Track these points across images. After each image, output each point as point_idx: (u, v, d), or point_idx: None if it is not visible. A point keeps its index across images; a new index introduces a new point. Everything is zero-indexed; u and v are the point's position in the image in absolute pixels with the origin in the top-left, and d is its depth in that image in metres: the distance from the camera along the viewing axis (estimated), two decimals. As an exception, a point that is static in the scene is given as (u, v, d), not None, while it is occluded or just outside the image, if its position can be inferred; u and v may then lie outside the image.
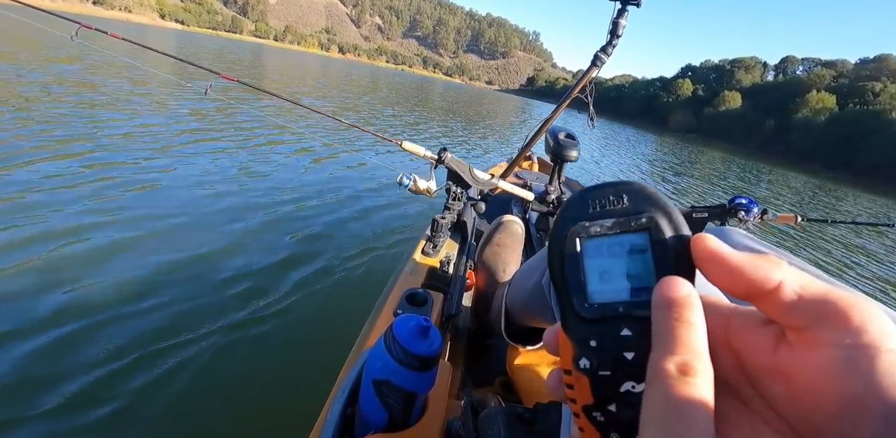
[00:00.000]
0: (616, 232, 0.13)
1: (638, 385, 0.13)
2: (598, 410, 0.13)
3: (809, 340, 0.11)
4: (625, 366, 0.13)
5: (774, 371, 0.12)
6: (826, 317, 0.11)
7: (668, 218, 0.13)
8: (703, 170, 10.65)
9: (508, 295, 0.61)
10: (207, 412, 0.92)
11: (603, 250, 0.13)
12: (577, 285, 0.13)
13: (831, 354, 0.10)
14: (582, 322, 0.13)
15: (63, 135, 2.45)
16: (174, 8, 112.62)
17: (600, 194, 0.14)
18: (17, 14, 1.03)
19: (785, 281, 0.11)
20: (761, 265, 0.12)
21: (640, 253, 0.13)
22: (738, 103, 57.81)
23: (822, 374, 0.10)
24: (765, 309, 0.12)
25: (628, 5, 0.95)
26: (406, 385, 0.37)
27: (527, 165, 1.96)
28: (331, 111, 1.30)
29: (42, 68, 4.53)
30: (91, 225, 1.53)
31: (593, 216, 0.13)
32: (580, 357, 0.13)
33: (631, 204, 0.13)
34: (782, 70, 71.91)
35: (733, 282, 0.12)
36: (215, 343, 1.10)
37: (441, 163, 0.96)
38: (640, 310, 0.13)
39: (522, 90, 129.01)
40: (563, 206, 0.14)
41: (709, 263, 0.12)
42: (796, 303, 0.11)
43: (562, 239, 0.14)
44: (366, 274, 1.61)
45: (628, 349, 0.13)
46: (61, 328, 1.04)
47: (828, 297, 0.11)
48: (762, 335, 0.12)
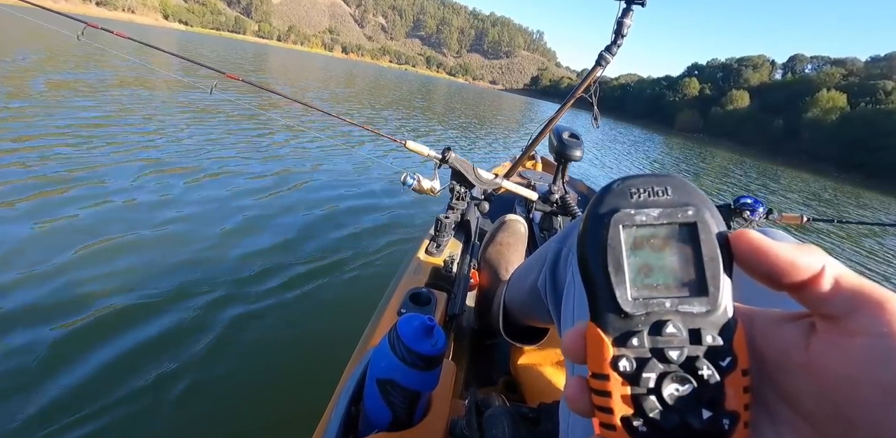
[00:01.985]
0: (662, 223, 0.13)
1: (682, 388, 0.12)
2: (641, 418, 0.12)
3: (845, 329, 0.11)
4: (671, 367, 0.12)
5: (804, 366, 0.11)
6: (863, 307, 0.11)
7: (711, 212, 0.13)
8: (713, 172, 10.50)
9: (507, 294, 0.61)
10: (211, 410, 0.92)
11: (646, 241, 0.13)
12: (621, 277, 0.12)
13: (868, 342, 0.10)
14: (624, 317, 0.12)
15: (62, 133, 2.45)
16: (177, 8, 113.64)
17: (642, 183, 0.13)
18: (25, 14, 1.04)
19: (826, 269, 0.11)
20: (806, 255, 0.12)
21: (686, 248, 0.12)
22: (746, 102, 57.11)
23: (858, 362, 0.10)
24: (802, 297, 0.12)
25: (633, 5, 0.95)
26: (410, 384, 0.37)
27: (530, 165, 1.97)
28: (334, 110, 1.31)
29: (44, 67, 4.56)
30: (91, 225, 1.53)
31: (637, 204, 0.13)
32: (619, 358, 0.12)
33: (675, 195, 0.13)
34: (791, 68, 70.93)
35: (780, 274, 0.12)
36: (218, 341, 1.10)
37: (445, 162, 0.96)
38: (688, 306, 0.12)
39: (526, 90, 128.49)
40: (600, 192, 0.13)
41: (752, 256, 0.12)
42: (834, 292, 0.11)
43: (603, 226, 0.13)
44: (369, 273, 1.61)
45: (675, 348, 0.12)
46: (62, 328, 1.04)
47: (864, 288, 0.11)
48: (789, 330, 0.12)
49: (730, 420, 0.12)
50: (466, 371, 0.70)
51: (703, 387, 0.12)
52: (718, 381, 0.12)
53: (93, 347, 1.01)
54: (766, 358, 0.12)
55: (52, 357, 0.96)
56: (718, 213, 0.13)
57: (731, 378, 0.12)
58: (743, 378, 0.12)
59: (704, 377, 0.12)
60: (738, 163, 16.62)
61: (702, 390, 0.12)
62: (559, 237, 0.49)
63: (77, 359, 0.97)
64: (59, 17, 1.14)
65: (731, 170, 11.94)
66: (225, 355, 1.07)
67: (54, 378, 0.92)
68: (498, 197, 1.22)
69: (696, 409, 0.12)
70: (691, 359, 0.12)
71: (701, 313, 0.12)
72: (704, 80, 67.63)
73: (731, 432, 0.12)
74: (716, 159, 16.16)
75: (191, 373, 0.99)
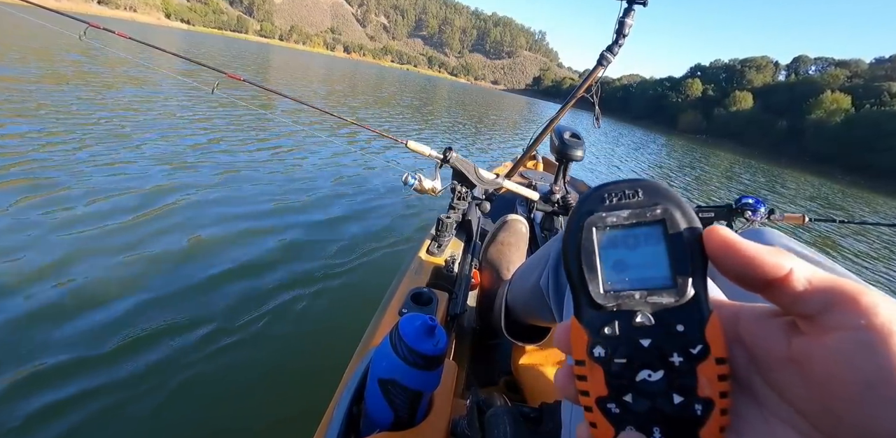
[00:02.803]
0: (632, 222, 0.13)
1: (654, 374, 0.12)
2: (614, 401, 0.13)
3: (822, 326, 0.11)
4: (641, 354, 0.13)
5: (789, 361, 0.12)
6: (837, 303, 0.11)
7: (681, 210, 0.13)
8: (720, 176, 10.41)
9: (509, 294, 0.61)
10: (213, 410, 0.92)
11: (618, 240, 0.14)
12: (593, 273, 0.13)
13: (845, 337, 0.10)
14: (597, 309, 0.13)
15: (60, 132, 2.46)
16: (180, 7, 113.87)
17: (616, 188, 0.14)
18: (27, 14, 1.04)
19: (795, 270, 0.12)
20: (772, 254, 0.12)
21: (655, 244, 0.13)
22: (750, 104, 56.90)
23: (838, 359, 0.10)
24: (775, 299, 0.12)
25: (635, 4, 0.94)
26: (411, 384, 0.37)
27: (532, 165, 1.96)
28: (335, 110, 1.29)
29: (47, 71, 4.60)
30: (91, 225, 1.53)
31: (609, 207, 0.14)
32: (594, 345, 0.13)
33: (645, 197, 0.13)
34: (794, 70, 70.63)
35: (745, 271, 0.12)
36: (220, 341, 1.11)
37: (446, 162, 0.96)
38: (656, 297, 0.13)
39: (528, 90, 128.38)
40: (580, 199, 0.14)
41: (721, 253, 0.12)
42: (807, 291, 0.11)
43: (578, 229, 0.14)
44: (371, 273, 1.61)
45: (644, 336, 0.13)
46: (61, 328, 1.04)
47: (836, 284, 0.11)
48: (774, 326, 0.12)
49: (703, 406, 0.12)
50: (468, 371, 0.70)
51: (674, 374, 0.12)
52: (689, 368, 0.12)
53: (94, 347, 1.01)
54: (752, 353, 0.13)
55: (53, 354, 0.97)
56: (691, 212, 0.13)
57: (703, 366, 0.12)
58: (718, 367, 0.12)
59: (675, 364, 0.12)
60: (745, 167, 16.49)
61: (673, 376, 0.12)
62: (561, 236, 0.46)
63: (77, 359, 0.96)
64: (61, 18, 1.13)
65: (739, 174, 11.69)
66: (226, 355, 1.07)
67: (55, 374, 0.92)
68: (499, 197, 1.22)
69: (667, 394, 0.12)
70: (661, 347, 0.12)
71: (670, 303, 0.13)
72: (707, 81, 67.42)
73: (704, 418, 0.12)
74: (722, 162, 15.92)
75: (192, 373, 1.00)
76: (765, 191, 9.26)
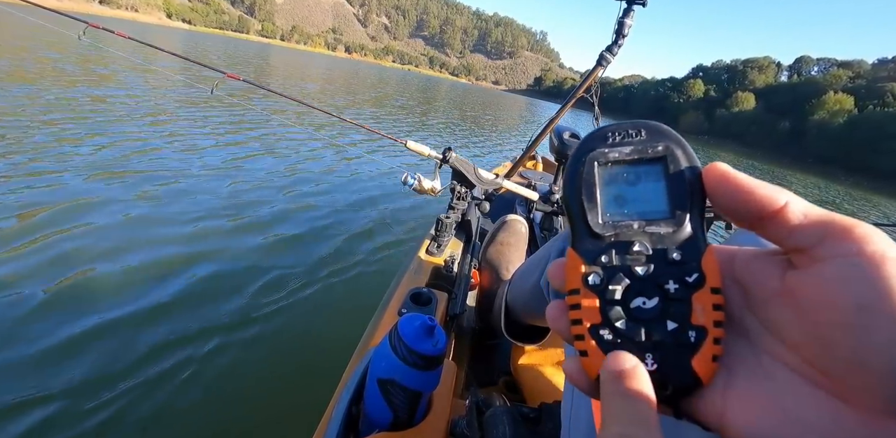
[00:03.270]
0: (634, 158, 0.13)
1: (649, 301, 0.13)
2: (607, 327, 0.13)
3: (817, 256, 0.11)
4: (636, 282, 0.13)
5: (783, 294, 0.12)
6: (831, 233, 0.11)
7: (682, 149, 0.13)
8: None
9: (509, 294, 0.61)
10: (212, 410, 0.92)
11: (619, 175, 0.14)
12: (593, 204, 0.14)
13: (839, 263, 0.11)
14: (595, 238, 0.13)
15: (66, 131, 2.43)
16: (181, 7, 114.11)
17: (619, 128, 0.14)
18: (26, 14, 1.03)
19: (790, 203, 0.12)
20: (768, 186, 0.12)
21: (655, 180, 0.13)
22: (752, 104, 56.74)
23: (832, 285, 0.11)
24: (770, 233, 0.12)
25: (634, 5, 0.94)
26: (411, 384, 0.37)
27: (531, 165, 1.96)
28: (334, 110, 1.29)
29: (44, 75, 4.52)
30: (91, 226, 1.52)
31: (612, 145, 0.14)
32: (590, 273, 0.13)
33: (648, 135, 0.14)
34: (797, 70, 70.43)
35: (741, 205, 0.12)
36: (219, 342, 1.10)
37: (446, 162, 0.96)
38: (654, 228, 0.13)
39: (530, 90, 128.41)
40: (584, 137, 0.15)
41: (720, 187, 0.12)
42: (801, 224, 0.11)
43: (581, 163, 0.14)
44: (370, 273, 1.60)
45: (641, 264, 0.13)
46: (62, 329, 1.04)
47: (831, 217, 0.11)
48: (768, 263, 0.12)
49: (696, 334, 0.12)
50: (467, 371, 0.70)
51: (669, 301, 0.12)
52: (685, 296, 0.12)
53: (94, 347, 1.01)
54: (747, 291, 0.13)
55: (54, 353, 0.96)
56: (691, 151, 0.13)
57: (698, 295, 0.12)
58: (713, 296, 0.12)
59: (670, 291, 0.12)
60: (749, 168, 16.35)
61: (667, 303, 0.12)
62: (562, 235, 0.50)
63: (76, 360, 0.96)
64: (60, 17, 1.11)
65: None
66: (225, 355, 1.06)
67: (58, 372, 0.92)
68: (499, 197, 1.21)
69: (661, 321, 0.12)
70: (657, 275, 0.13)
71: (668, 233, 0.13)
72: (709, 82, 67.27)
73: (698, 345, 0.12)
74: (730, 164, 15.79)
75: (191, 373, 0.99)
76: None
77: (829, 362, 0.11)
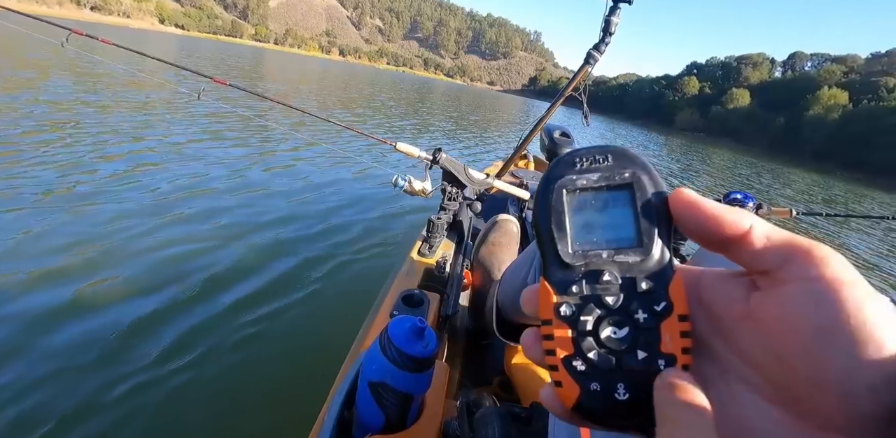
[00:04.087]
0: (601, 185, 0.14)
1: (619, 331, 0.13)
2: (579, 358, 0.13)
3: (779, 279, 0.11)
4: (607, 311, 0.13)
5: (747, 317, 0.12)
6: (793, 256, 0.11)
7: (648, 175, 0.14)
8: (722, 175, 10.06)
9: (499, 293, 0.61)
10: (204, 415, 0.92)
11: (587, 202, 0.14)
12: (562, 233, 0.14)
13: (799, 287, 0.11)
14: (565, 268, 0.14)
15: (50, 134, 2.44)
16: (174, 13, 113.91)
17: (587, 153, 0.14)
18: (3, 20, 1.02)
19: (754, 227, 0.12)
20: (733, 212, 0.12)
21: (623, 206, 0.14)
22: (747, 101, 56.92)
23: (793, 307, 0.11)
24: (736, 256, 0.12)
25: (620, 3, 0.95)
26: (401, 386, 0.37)
27: (523, 164, 1.93)
28: (325, 113, 1.42)
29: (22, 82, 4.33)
30: (92, 226, 1.55)
31: (580, 171, 0.14)
32: (561, 304, 0.13)
33: (615, 161, 0.14)
34: (791, 66, 70.81)
35: (707, 230, 0.12)
36: (211, 346, 1.10)
37: (436, 163, 0.96)
38: (623, 256, 0.13)
39: (525, 90, 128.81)
40: (551, 164, 0.15)
41: (685, 213, 0.13)
42: (765, 247, 0.12)
43: (549, 191, 0.14)
44: (362, 275, 1.60)
45: (610, 294, 0.13)
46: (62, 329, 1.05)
47: (791, 240, 0.12)
48: (733, 286, 0.13)
49: (665, 362, 0.12)
50: (461, 372, 0.71)
51: (639, 330, 0.13)
52: (653, 325, 0.13)
53: (95, 346, 1.02)
54: (712, 313, 0.13)
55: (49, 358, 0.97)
56: (657, 176, 0.14)
57: (666, 323, 0.12)
58: (680, 324, 0.12)
59: (640, 320, 0.13)
60: (750, 166, 16.16)
61: (637, 333, 0.13)
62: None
63: (77, 362, 0.98)
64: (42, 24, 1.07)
65: (751, 179, 11.18)
66: (218, 359, 1.06)
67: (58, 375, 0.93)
68: (490, 196, 1.20)
69: (631, 350, 0.13)
70: (627, 304, 0.13)
71: (636, 262, 0.13)
72: (704, 79, 67.52)
73: None
74: (729, 164, 15.51)
75: (185, 377, 0.99)
76: (777, 194, 8.95)
77: (790, 382, 0.11)
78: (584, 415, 0.13)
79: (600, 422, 0.13)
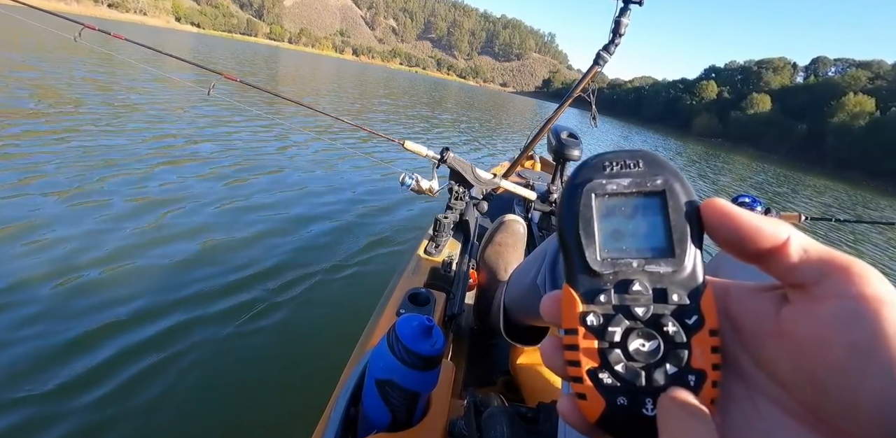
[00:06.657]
0: (632, 191, 0.13)
1: (649, 344, 0.12)
2: (606, 371, 0.12)
3: (815, 294, 0.11)
4: (636, 323, 0.12)
5: (776, 333, 0.12)
6: (831, 272, 0.11)
7: (680, 183, 0.13)
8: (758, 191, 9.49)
9: (507, 294, 0.61)
10: (210, 411, 0.92)
11: (617, 209, 0.13)
12: (591, 239, 0.13)
13: (836, 305, 0.10)
14: (592, 275, 0.13)
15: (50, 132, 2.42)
16: (190, 11, 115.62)
17: (616, 157, 0.14)
18: (20, 15, 1.03)
19: (791, 239, 0.12)
20: (769, 223, 0.12)
21: (654, 215, 0.13)
22: (768, 106, 55.22)
23: (829, 325, 0.10)
24: (770, 268, 0.12)
25: (630, 3, 0.95)
26: (409, 384, 0.37)
27: (529, 164, 1.92)
28: (334, 111, 1.31)
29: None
30: (93, 227, 1.53)
31: (610, 175, 0.13)
32: (588, 313, 0.13)
33: (646, 167, 0.13)
34: (813, 71, 68.54)
35: (742, 241, 0.12)
36: (217, 343, 1.10)
37: (443, 162, 0.96)
38: (654, 267, 0.13)
39: (538, 92, 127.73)
40: (578, 165, 0.14)
41: (719, 223, 0.12)
42: (803, 260, 0.11)
43: (577, 195, 0.13)
44: (368, 273, 1.59)
45: (640, 304, 0.12)
46: (64, 329, 1.05)
47: (831, 255, 0.11)
48: (763, 300, 0.12)
49: (696, 378, 0.12)
50: (466, 372, 0.71)
51: (669, 344, 0.12)
52: (684, 339, 0.12)
53: (94, 346, 1.01)
54: (741, 328, 0.12)
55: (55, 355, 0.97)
56: (689, 185, 0.13)
57: (697, 337, 0.12)
58: (711, 338, 0.12)
59: (670, 334, 0.12)
60: (771, 174, 15.49)
61: (667, 346, 0.12)
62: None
63: (76, 361, 0.97)
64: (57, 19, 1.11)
65: (786, 192, 10.35)
66: (224, 356, 1.06)
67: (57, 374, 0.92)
68: (497, 196, 1.22)
69: (661, 364, 0.12)
70: (657, 316, 0.12)
71: (667, 273, 0.12)
72: (722, 83, 65.80)
73: (697, 389, 0.12)
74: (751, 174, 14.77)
75: (190, 374, 0.99)
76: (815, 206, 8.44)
77: (822, 403, 0.10)
78: (607, 430, 0.12)
79: (624, 437, 0.12)
